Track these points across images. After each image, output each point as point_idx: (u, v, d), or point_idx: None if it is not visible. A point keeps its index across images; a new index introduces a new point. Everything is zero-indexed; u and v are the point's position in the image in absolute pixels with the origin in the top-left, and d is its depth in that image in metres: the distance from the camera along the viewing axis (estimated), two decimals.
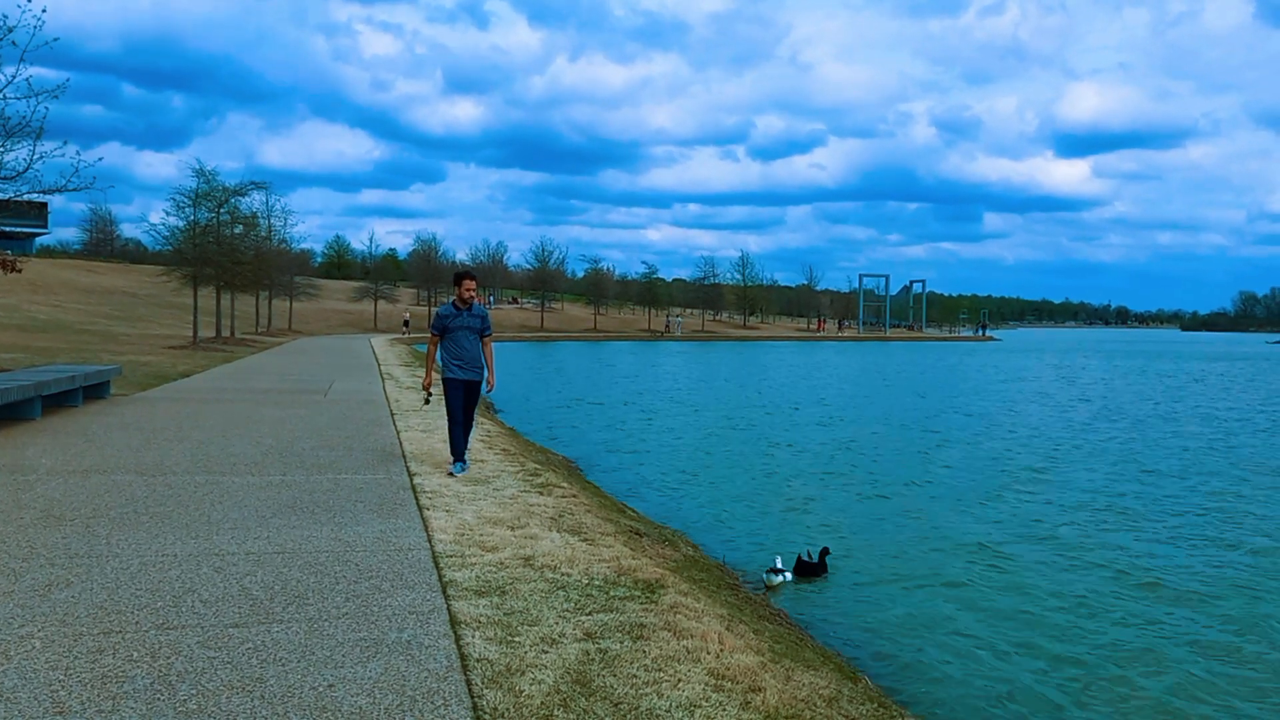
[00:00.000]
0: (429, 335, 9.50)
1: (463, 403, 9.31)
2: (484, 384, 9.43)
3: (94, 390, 14.69)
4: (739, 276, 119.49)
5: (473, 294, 9.29)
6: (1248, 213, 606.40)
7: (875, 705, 5.00)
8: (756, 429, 22.13)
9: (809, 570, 9.48)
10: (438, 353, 9.37)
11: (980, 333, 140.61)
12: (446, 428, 9.52)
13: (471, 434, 9.95)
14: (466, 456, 9.63)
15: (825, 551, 9.76)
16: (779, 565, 9.10)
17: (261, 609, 4.84)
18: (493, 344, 9.54)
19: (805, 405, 28.40)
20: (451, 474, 9.18)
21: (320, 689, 3.86)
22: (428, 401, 10.24)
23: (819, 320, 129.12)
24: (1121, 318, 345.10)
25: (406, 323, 71.41)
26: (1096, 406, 29.29)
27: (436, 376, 9.64)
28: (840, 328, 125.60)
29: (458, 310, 9.22)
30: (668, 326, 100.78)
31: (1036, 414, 26.65)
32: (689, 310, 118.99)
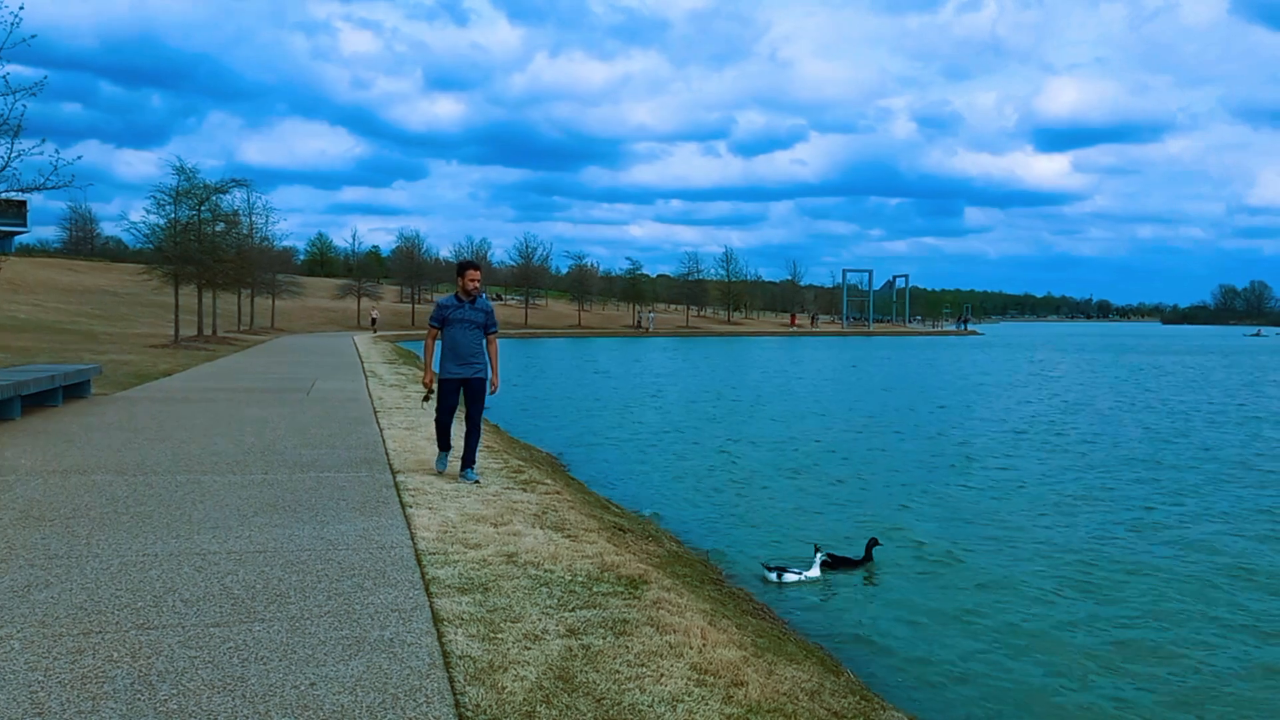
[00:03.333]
0: (428, 328, 8.93)
1: (456, 403, 8.82)
2: (488, 384, 8.83)
3: (74, 390, 14.60)
4: (723, 272, 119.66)
5: (477, 285, 8.70)
6: (1226, 206, 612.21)
7: (857, 698, 5.03)
8: (738, 425, 22.17)
9: (851, 565, 9.55)
10: (436, 347, 8.81)
11: (962, 327, 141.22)
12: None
13: (479, 442, 9.08)
14: (475, 466, 8.92)
15: (873, 542, 9.82)
16: (813, 562, 9.19)
17: (243, 608, 4.82)
18: (498, 341, 8.89)
19: (785, 401, 28.49)
20: (440, 470, 8.92)
21: (302, 687, 3.86)
22: (428, 399, 9.44)
23: (791, 316, 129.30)
24: (1103, 311, 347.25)
25: (374, 321, 67.92)
26: (1061, 400, 29.49)
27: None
28: (813, 322, 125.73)
29: (459, 302, 8.66)
30: (638, 323, 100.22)
31: (1011, 408, 26.81)
32: (673, 306, 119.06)
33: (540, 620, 4.88)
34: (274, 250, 59.66)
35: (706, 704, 4.03)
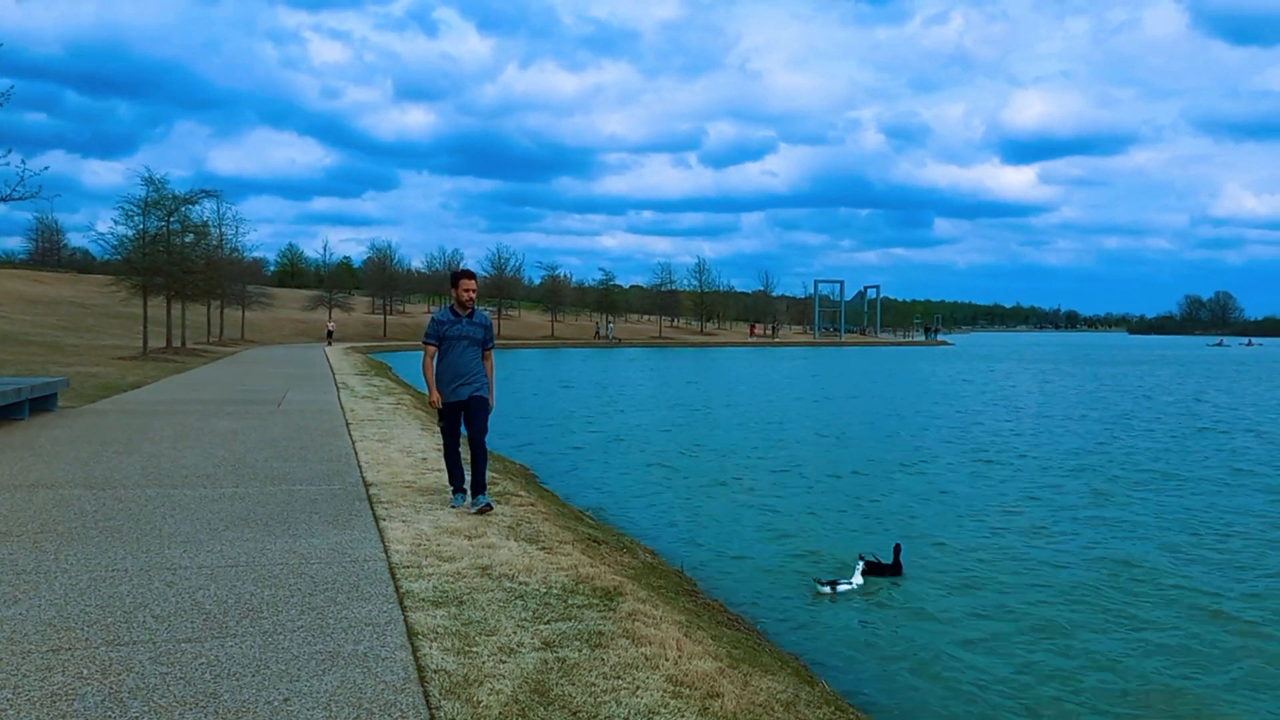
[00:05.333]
0: (424, 346, 8.15)
1: (460, 424, 8.10)
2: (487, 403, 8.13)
3: (41, 403, 14.41)
4: (696, 283, 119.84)
5: (471, 296, 8.03)
6: (1190, 217, 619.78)
7: (832, 709, 5.05)
8: (710, 436, 22.21)
9: (883, 571, 9.65)
10: (434, 366, 8.06)
11: (932, 337, 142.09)
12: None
13: (487, 463, 8.34)
14: (487, 490, 8.18)
15: (897, 549, 9.92)
16: (856, 575, 9.26)
17: (215, 623, 4.78)
18: (494, 356, 8.26)
19: (755, 411, 28.58)
20: (454, 507, 7.99)
21: (275, 703, 3.83)
22: (443, 421, 8.27)
23: (751, 326, 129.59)
24: (1071, 321, 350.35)
25: (330, 333, 63.96)
26: (1016, 408, 29.79)
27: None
28: (774, 333, 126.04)
29: (456, 316, 7.98)
30: (598, 333, 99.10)
31: (973, 421, 27.03)
32: (646, 317, 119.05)
33: (515, 633, 4.87)
34: (244, 261, 59.31)
35: (683, 716, 4.04)
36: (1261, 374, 53.95)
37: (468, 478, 8.21)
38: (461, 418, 8.10)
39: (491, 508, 8.00)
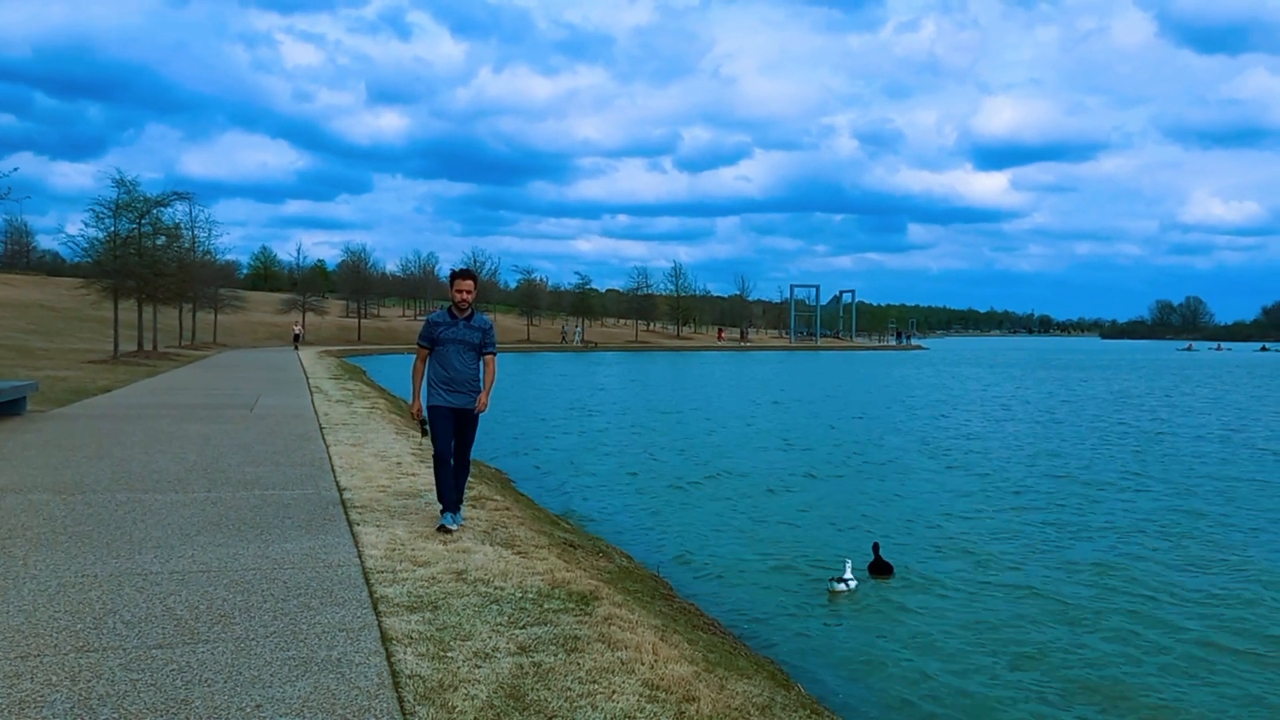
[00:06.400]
0: (416, 348, 7.68)
1: (452, 435, 7.47)
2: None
3: (9, 407, 14.24)
4: (672, 287, 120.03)
5: (465, 297, 7.47)
6: (1160, 223, 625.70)
7: (807, 712, 5.06)
8: (687, 440, 22.23)
9: (884, 570, 9.82)
10: (425, 371, 7.55)
11: (898, 341, 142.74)
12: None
13: (466, 481, 7.96)
14: (461, 509, 7.71)
15: (876, 547, 10.10)
16: (846, 574, 9.29)
17: (186, 629, 4.74)
18: (495, 361, 7.66)
19: (730, 416, 28.65)
20: (444, 527, 7.40)
21: (247, 710, 3.80)
22: (425, 433, 7.77)
23: (719, 330, 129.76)
24: (1044, 326, 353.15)
25: (298, 337, 61.32)
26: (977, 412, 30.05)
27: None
28: (743, 337, 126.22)
29: (453, 318, 7.47)
30: (564, 337, 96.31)
31: (974, 424, 27.22)
32: (623, 320, 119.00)
33: (491, 638, 4.85)
34: (216, 264, 58.76)
35: None
36: (1237, 380, 54.61)
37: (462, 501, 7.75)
38: (452, 424, 7.47)
39: (451, 530, 7.37)
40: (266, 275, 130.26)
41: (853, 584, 9.24)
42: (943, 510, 13.53)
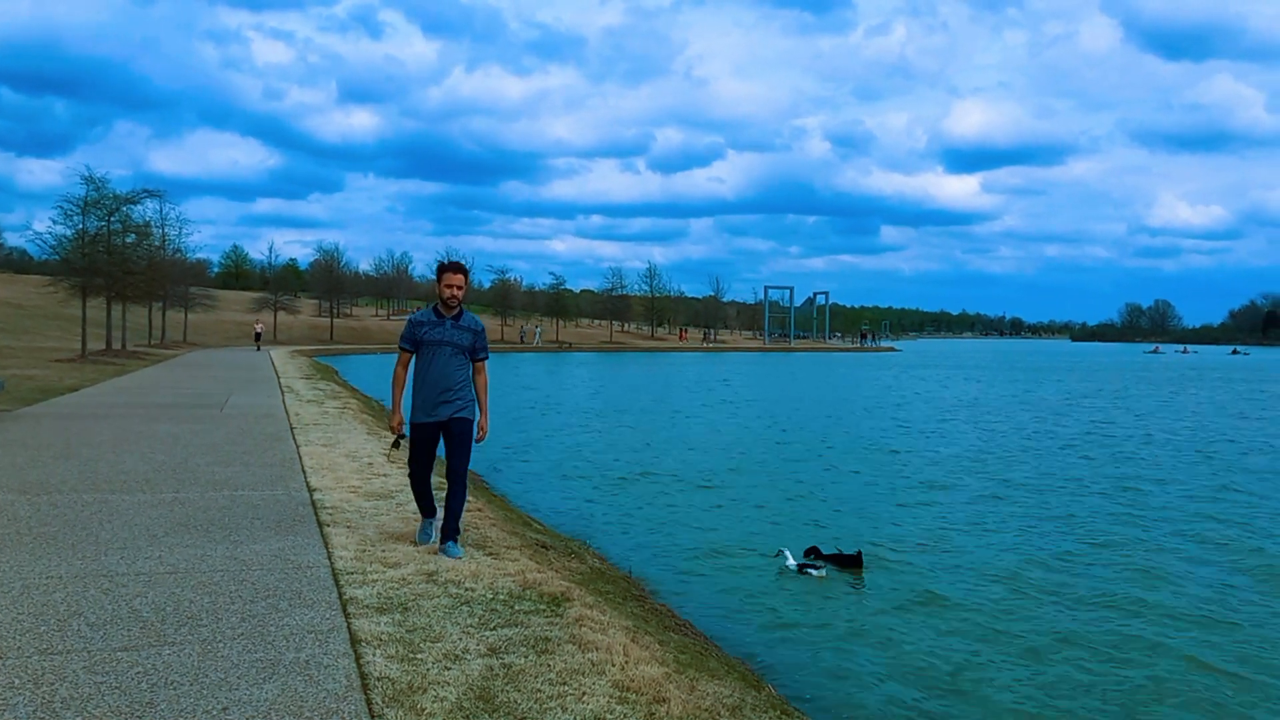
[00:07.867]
0: (398, 351, 6.80)
1: (434, 453, 6.75)
2: (474, 427, 6.71)
3: None
4: (647, 288, 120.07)
5: (454, 294, 6.55)
6: (1128, 226, 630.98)
7: (778, 713, 5.07)
8: (661, 441, 22.26)
9: (851, 563, 10.07)
10: (408, 379, 6.73)
11: (864, 343, 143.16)
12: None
13: (464, 504, 6.96)
14: (459, 538, 6.78)
15: (812, 551, 10.39)
16: (810, 560, 9.89)
17: (152, 631, 4.69)
18: (486, 369, 6.81)
19: (703, 417, 28.72)
20: (420, 544, 6.82)
21: (214, 713, 3.76)
22: (397, 446, 6.93)
23: (680, 332, 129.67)
24: (1016, 328, 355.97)
25: (258, 335, 59.35)
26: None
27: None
28: (706, 338, 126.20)
29: (440, 318, 6.58)
30: (521, 338, 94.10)
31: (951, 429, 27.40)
32: (597, 321, 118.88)
33: (461, 639, 4.83)
34: (187, 262, 58.22)
35: None
36: (1207, 381, 55.26)
37: (438, 511, 6.94)
38: (438, 444, 6.68)
39: (452, 556, 6.56)
40: (238, 274, 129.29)
41: (823, 572, 9.61)
42: (930, 506, 13.61)
